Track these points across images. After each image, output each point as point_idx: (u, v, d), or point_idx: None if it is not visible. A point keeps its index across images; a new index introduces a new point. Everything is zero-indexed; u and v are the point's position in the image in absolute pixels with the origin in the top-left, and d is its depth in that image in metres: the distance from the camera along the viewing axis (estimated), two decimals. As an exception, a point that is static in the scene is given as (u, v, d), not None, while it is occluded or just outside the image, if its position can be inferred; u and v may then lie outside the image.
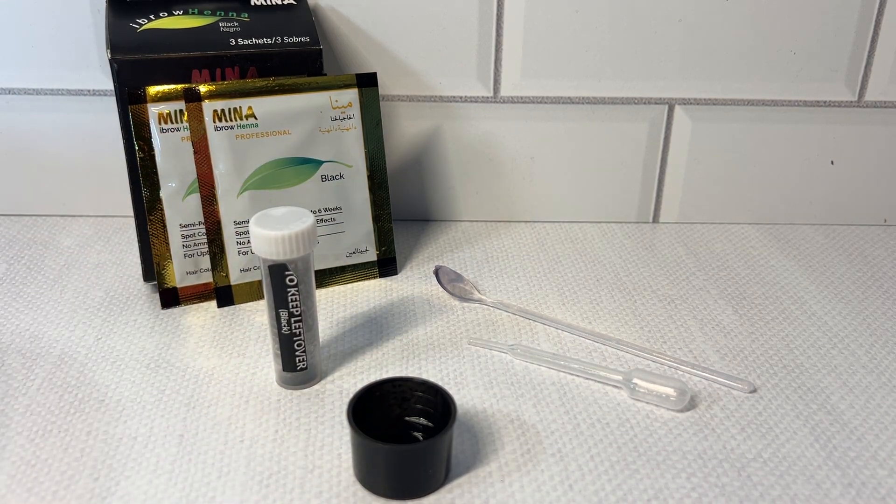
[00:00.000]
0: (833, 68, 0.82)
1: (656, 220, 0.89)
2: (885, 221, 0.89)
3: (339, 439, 0.56)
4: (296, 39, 0.72)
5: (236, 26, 0.72)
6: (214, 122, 0.68)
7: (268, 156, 0.70)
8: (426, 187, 0.87)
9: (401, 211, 0.88)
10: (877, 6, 0.80)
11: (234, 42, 0.70)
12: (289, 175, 0.71)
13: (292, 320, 0.59)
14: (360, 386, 0.60)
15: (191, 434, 0.56)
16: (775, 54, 0.82)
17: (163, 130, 0.68)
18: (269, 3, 0.75)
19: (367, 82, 0.73)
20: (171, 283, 0.71)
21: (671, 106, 0.84)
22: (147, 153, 0.68)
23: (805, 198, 0.88)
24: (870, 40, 0.81)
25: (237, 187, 0.70)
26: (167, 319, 0.70)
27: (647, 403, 0.60)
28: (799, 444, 0.57)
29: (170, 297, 0.71)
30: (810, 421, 0.59)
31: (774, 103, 0.84)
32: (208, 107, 0.68)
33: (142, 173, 0.68)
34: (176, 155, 0.68)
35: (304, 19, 0.74)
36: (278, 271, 0.57)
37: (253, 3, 0.75)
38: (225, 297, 0.71)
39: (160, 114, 0.67)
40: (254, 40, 0.71)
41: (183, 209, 0.70)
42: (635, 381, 0.60)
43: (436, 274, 0.74)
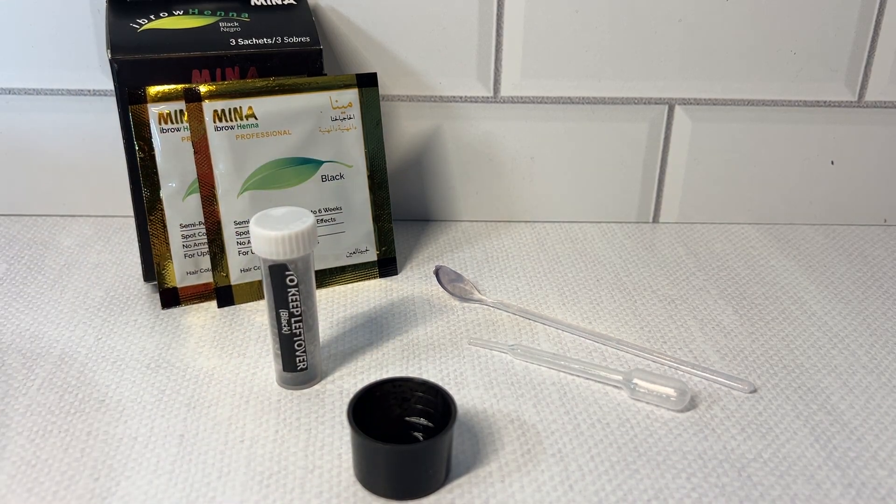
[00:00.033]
0: (833, 68, 0.82)
1: (656, 220, 0.89)
2: (885, 221, 0.89)
3: (340, 439, 0.56)
4: (296, 39, 0.72)
5: (236, 26, 0.72)
6: (214, 122, 0.68)
7: (268, 156, 0.70)
8: (426, 187, 0.87)
9: (401, 211, 0.88)
10: (877, 6, 0.80)
11: (235, 42, 0.70)
12: (289, 175, 0.71)
13: (292, 320, 0.59)
14: (361, 386, 0.61)
15: (191, 434, 0.56)
16: (775, 54, 0.82)
17: (163, 130, 0.68)
18: (269, 3, 0.75)
19: (367, 82, 0.73)
20: (171, 283, 0.71)
21: (671, 106, 0.84)
22: (147, 153, 0.68)
23: (805, 198, 0.88)
24: (870, 40, 0.81)
25: (237, 187, 0.70)
26: (167, 319, 0.70)
27: (648, 403, 0.60)
28: (799, 445, 0.57)
29: (170, 297, 0.71)
30: (810, 421, 0.59)
31: (774, 103, 0.84)
32: (208, 107, 0.68)
33: (142, 173, 0.68)
34: (176, 155, 0.68)
35: (304, 19, 0.74)
36: (278, 271, 0.57)
37: (253, 3, 0.75)
38: (225, 297, 0.71)
39: (160, 114, 0.67)
40: (254, 40, 0.71)
41: (183, 209, 0.70)
42: (635, 381, 0.60)
43: (436, 274, 0.74)
